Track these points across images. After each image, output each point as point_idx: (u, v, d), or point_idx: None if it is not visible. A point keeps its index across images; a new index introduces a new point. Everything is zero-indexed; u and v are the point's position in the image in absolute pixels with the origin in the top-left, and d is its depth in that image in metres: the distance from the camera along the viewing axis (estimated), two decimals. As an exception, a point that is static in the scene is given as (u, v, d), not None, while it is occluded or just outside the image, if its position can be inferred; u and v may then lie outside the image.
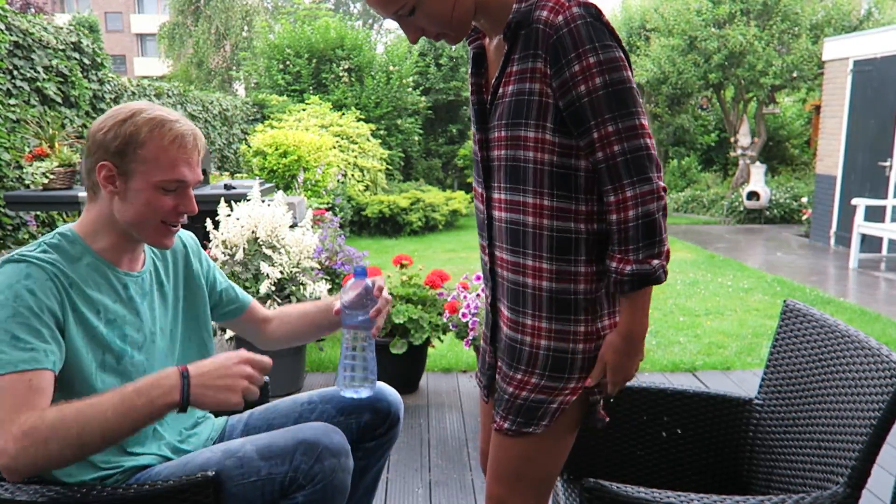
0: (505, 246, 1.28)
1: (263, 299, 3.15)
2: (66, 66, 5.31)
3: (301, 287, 3.22)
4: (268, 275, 3.12)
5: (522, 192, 1.21)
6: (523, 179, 1.20)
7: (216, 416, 1.66)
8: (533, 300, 1.25)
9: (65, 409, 1.12)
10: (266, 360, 1.25)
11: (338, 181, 8.79)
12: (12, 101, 4.65)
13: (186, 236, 1.58)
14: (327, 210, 6.09)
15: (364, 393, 1.46)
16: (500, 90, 1.22)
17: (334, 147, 9.47)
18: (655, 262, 1.17)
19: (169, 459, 1.40)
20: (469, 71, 1.32)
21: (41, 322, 1.18)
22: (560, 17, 1.10)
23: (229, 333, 3.02)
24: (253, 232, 3.28)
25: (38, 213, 4.84)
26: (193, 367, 1.18)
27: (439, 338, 3.39)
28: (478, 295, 3.33)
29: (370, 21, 29.95)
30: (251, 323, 1.69)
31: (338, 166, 9.07)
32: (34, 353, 1.15)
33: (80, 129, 5.58)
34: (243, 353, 1.23)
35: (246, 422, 1.62)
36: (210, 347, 1.56)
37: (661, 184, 1.17)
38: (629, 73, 1.13)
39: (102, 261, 1.33)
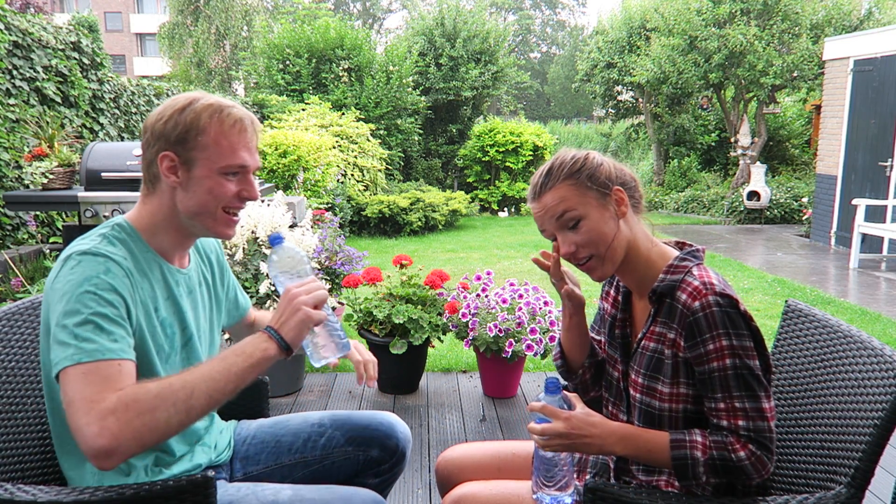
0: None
1: (263, 299, 3.15)
2: (65, 66, 5.30)
3: (301, 287, 3.21)
4: (267, 275, 3.11)
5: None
6: (658, 423, 1.31)
7: (225, 419, 1.65)
8: None
9: (166, 379, 1.14)
10: (312, 284, 1.27)
11: (337, 181, 8.77)
12: (12, 101, 4.65)
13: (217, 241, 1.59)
14: (327, 210, 6.09)
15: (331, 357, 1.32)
16: (644, 341, 1.33)
17: (334, 147, 9.46)
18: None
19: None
20: (614, 302, 1.46)
21: (120, 317, 1.19)
22: (696, 303, 1.22)
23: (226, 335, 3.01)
24: (252, 232, 3.27)
25: (38, 213, 4.83)
26: (269, 321, 1.24)
27: (439, 338, 3.38)
28: (477, 295, 3.32)
29: (370, 21, 29.95)
30: (244, 327, 1.70)
31: (337, 166, 9.06)
32: (121, 344, 1.16)
33: (79, 128, 5.58)
34: (286, 292, 1.25)
35: (254, 434, 1.63)
36: (218, 346, 1.55)
37: (765, 474, 1.22)
38: (756, 362, 1.22)
39: (158, 257, 1.33)
